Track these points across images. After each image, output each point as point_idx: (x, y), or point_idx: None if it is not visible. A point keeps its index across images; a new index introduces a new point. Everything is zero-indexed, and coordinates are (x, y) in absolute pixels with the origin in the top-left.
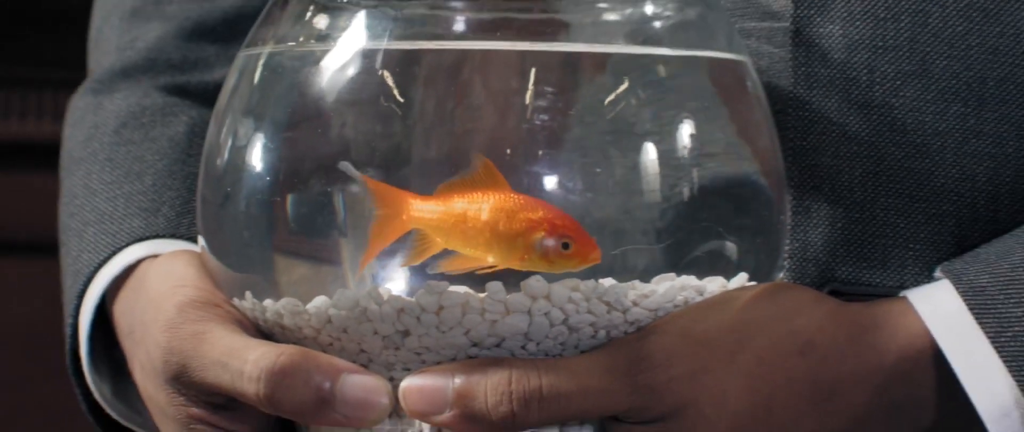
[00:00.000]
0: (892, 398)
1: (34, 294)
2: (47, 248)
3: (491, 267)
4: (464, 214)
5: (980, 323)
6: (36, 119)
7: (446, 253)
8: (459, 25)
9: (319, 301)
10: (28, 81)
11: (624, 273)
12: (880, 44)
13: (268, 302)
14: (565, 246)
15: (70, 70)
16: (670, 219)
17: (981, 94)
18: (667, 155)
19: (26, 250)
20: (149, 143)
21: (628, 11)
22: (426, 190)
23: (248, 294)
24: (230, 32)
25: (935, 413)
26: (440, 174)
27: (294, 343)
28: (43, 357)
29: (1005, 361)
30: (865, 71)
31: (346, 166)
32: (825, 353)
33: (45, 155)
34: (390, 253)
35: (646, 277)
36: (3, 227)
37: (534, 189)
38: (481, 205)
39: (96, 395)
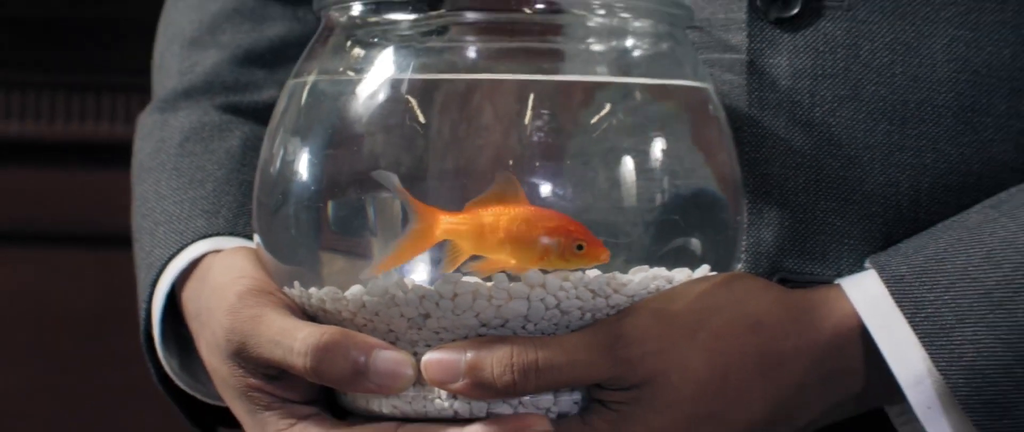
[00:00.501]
0: (827, 368)
1: (106, 281)
2: (108, 238)
3: (509, 268)
4: (491, 225)
5: (899, 306)
6: (94, 121)
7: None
8: (472, 57)
9: (355, 289)
10: (88, 85)
11: (608, 266)
12: (820, 73)
13: (313, 290)
14: (579, 248)
15: (128, 76)
16: (645, 220)
17: (904, 115)
18: (643, 167)
19: (85, 240)
20: (209, 155)
21: (613, 44)
22: (444, 198)
23: (296, 283)
24: (275, 58)
25: (863, 381)
26: (456, 186)
27: (334, 324)
28: (105, 339)
29: (919, 337)
30: (807, 96)
31: (388, 177)
32: (772, 331)
33: (109, 154)
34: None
35: (625, 268)
36: (63, 220)
37: (538, 198)
38: (506, 217)
39: (166, 368)
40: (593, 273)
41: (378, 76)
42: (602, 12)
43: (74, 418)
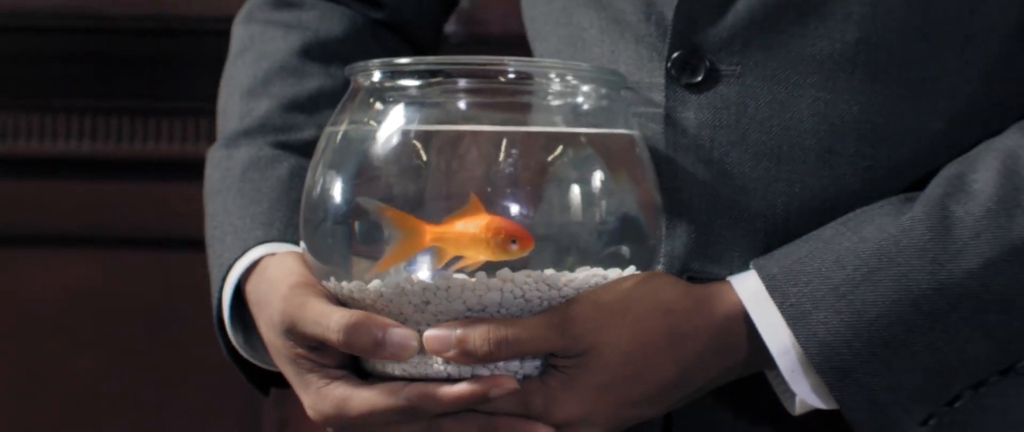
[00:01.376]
0: (720, 343)
1: (164, 279)
2: (166, 242)
3: (481, 263)
4: (459, 232)
5: (771, 296)
6: (154, 141)
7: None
8: (461, 111)
9: (375, 283)
10: (148, 111)
11: (559, 266)
12: (717, 124)
13: (344, 283)
14: (513, 242)
15: (182, 102)
16: (587, 233)
17: (779, 155)
18: (587, 193)
19: (145, 243)
20: (264, 181)
21: (566, 101)
22: (437, 214)
23: (332, 278)
24: (313, 106)
25: (746, 352)
26: (446, 206)
27: (360, 309)
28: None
29: (786, 320)
30: (708, 141)
31: (369, 201)
32: (679, 315)
33: (167, 169)
34: (410, 263)
35: (572, 268)
36: (127, 225)
37: (508, 216)
38: (468, 225)
39: (234, 343)
40: (549, 271)
41: (392, 126)
42: (558, 80)
43: (137, 396)
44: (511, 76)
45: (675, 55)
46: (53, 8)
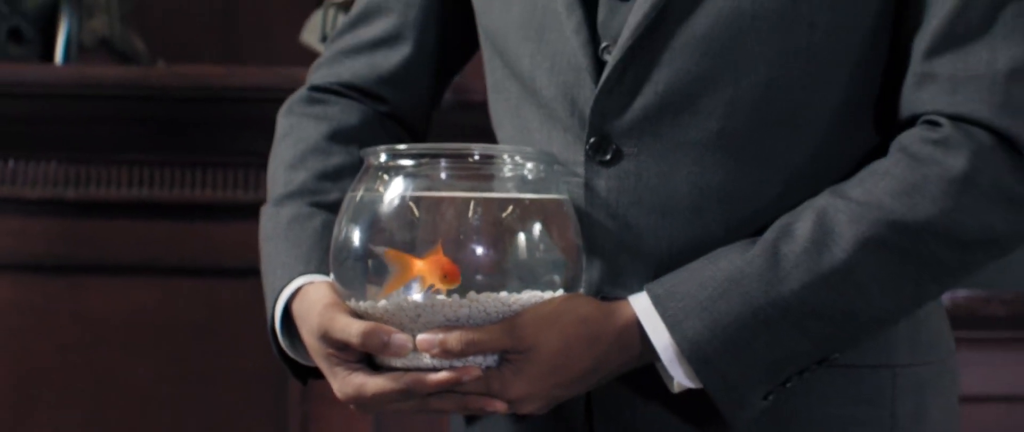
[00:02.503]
0: (622, 343)
1: (209, 301)
2: (211, 270)
3: (445, 288)
4: (427, 267)
5: (656, 309)
6: (200, 189)
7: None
8: (442, 180)
9: (383, 303)
10: (197, 163)
11: (510, 289)
12: (621, 189)
13: (361, 303)
14: (448, 277)
15: (237, 156)
16: (531, 267)
17: (664, 211)
18: (530, 239)
19: (195, 272)
20: (303, 231)
21: (516, 173)
22: (422, 254)
23: (352, 299)
24: (338, 177)
25: (640, 349)
26: (432, 248)
27: (372, 321)
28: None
29: (666, 325)
30: (614, 201)
31: (379, 249)
32: (593, 324)
33: (212, 211)
34: (407, 287)
35: (520, 290)
36: (192, 259)
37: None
38: (431, 264)
39: (283, 346)
40: (503, 294)
41: (393, 192)
42: (509, 160)
43: (186, 398)
44: (476, 158)
45: (591, 141)
46: (121, 80)
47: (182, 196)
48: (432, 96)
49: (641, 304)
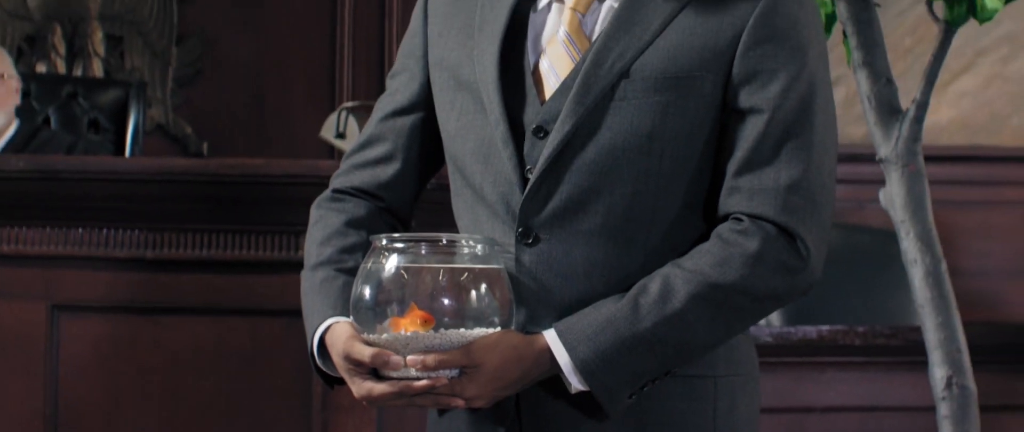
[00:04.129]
0: (538, 362)
1: (254, 338)
2: (256, 312)
3: (423, 329)
4: (412, 317)
5: (560, 339)
6: (251, 250)
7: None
8: (421, 255)
9: (384, 336)
10: (248, 231)
11: (467, 327)
12: (538, 262)
13: (370, 336)
14: (425, 320)
15: (276, 225)
16: (479, 313)
17: (568, 277)
18: (479, 295)
19: (242, 312)
20: (331, 288)
21: (470, 251)
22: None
23: (364, 333)
24: (354, 251)
25: (549, 366)
26: (414, 300)
27: (378, 347)
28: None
29: (566, 350)
30: (534, 270)
31: (386, 311)
32: (520, 349)
33: (257, 268)
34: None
35: (472, 328)
36: (240, 303)
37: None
38: (414, 316)
39: (319, 364)
40: (462, 330)
41: (390, 265)
42: (466, 242)
43: (235, 411)
44: (444, 242)
45: (520, 230)
46: (187, 169)
47: (231, 255)
48: (415, 195)
49: (550, 336)
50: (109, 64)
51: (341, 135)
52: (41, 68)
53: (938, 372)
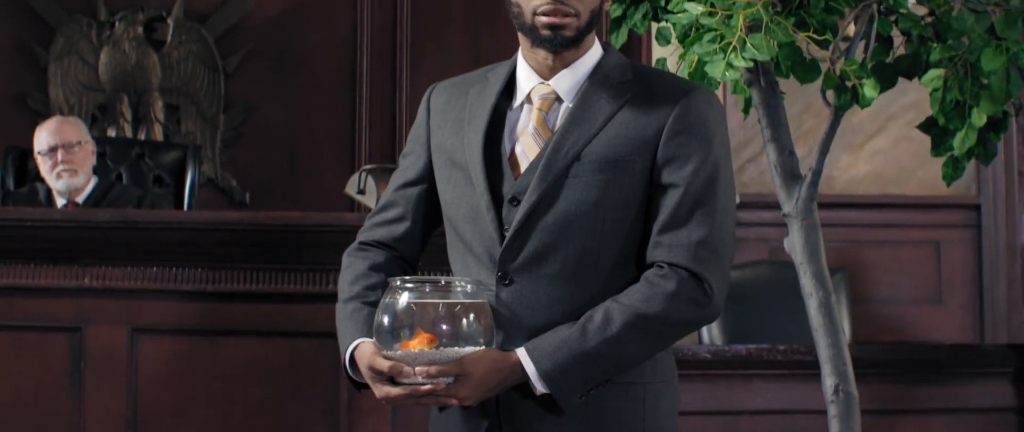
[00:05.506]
0: (513, 371)
1: (292, 360)
2: (297, 334)
3: (428, 347)
4: (419, 340)
5: (529, 356)
6: (292, 284)
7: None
8: (426, 292)
9: (400, 352)
10: (288, 269)
11: (461, 346)
12: (513, 298)
13: (388, 352)
14: (432, 340)
15: (315, 265)
16: (468, 336)
17: (535, 308)
18: (468, 323)
19: (281, 334)
20: (359, 317)
21: (462, 289)
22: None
23: (383, 350)
24: (376, 288)
25: (520, 375)
26: (421, 327)
27: (394, 361)
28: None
29: (532, 364)
30: (510, 304)
31: (400, 334)
32: (498, 363)
33: (297, 299)
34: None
35: (463, 346)
36: (282, 327)
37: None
38: (422, 337)
39: (350, 374)
40: (456, 348)
41: (403, 300)
42: (458, 284)
43: (280, 418)
44: (443, 283)
45: (499, 274)
46: (240, 220)
47: (274, 288)
48: (421, 247)
49: (521, 353)
50: (168, 129)
51: (362, 191)
52: (111, 132)
53: (828, 381)
